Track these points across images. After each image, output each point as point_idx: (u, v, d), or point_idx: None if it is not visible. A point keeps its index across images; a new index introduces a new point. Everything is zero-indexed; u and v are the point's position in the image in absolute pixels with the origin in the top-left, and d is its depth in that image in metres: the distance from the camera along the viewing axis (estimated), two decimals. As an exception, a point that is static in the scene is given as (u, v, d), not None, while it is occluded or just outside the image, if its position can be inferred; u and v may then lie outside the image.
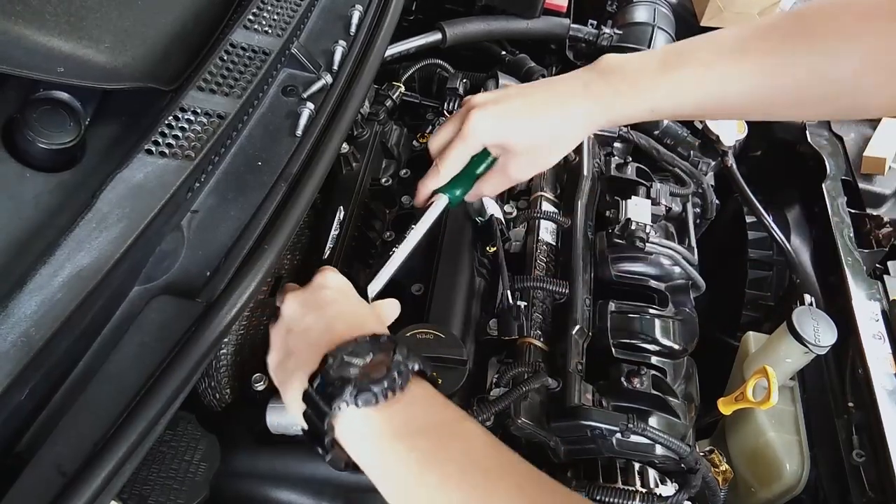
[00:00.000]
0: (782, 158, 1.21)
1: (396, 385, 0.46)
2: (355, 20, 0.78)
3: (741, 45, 0.61)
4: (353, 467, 0.48)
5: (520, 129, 0.67)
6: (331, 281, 0.59)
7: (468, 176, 0.73)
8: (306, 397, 0.47)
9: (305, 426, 0.48)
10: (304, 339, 0.53)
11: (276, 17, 0.71)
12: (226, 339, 0.68)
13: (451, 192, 0.73)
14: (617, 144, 1.04)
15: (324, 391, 0.46)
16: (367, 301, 0.64)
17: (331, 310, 0.54)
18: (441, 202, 0.72)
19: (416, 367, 0.48)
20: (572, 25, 1.14)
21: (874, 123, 1.17)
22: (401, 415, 0.46)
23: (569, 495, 0.47)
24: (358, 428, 0.46)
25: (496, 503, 0.42)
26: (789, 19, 0.62)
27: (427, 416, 0.47)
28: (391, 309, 0.64)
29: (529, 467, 0.46)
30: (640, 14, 1.16)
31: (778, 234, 1.04)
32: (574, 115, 0.66)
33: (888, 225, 1.02)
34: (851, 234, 1.00)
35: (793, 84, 0.60)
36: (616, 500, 0.65)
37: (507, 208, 0.88)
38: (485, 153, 0.71)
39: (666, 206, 0.95)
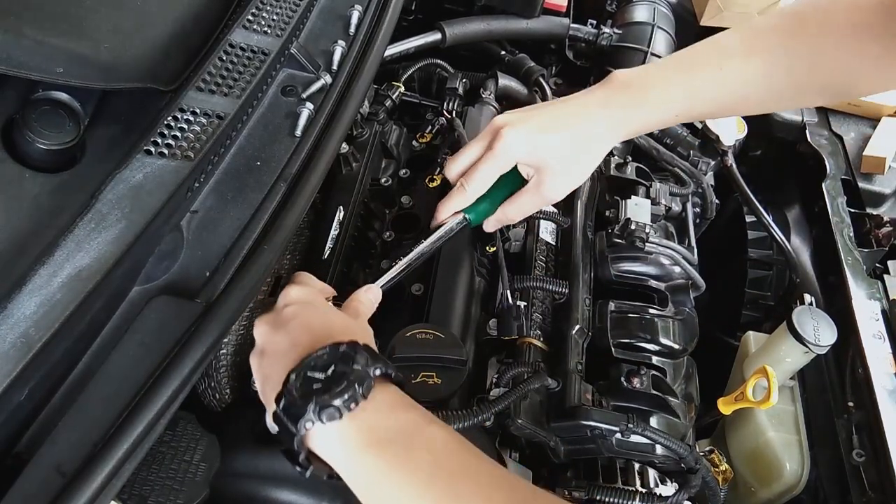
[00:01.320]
0: (782, 158, 1.21)
1: (359, 395, 0.46)
2: (354, 20, 0.78)
3: (747, 47, 0.66)
4: (337, 477, 0.48)
5: (553, 145, 0.68)
6: (293, 296, 0.58)
7: (492, 197, 0.72)
8: (275, 418, 0.48)
9: (281, 449, 0.49)
10: (274, 361, 0.52)
11: (275, 17, 0.71)
12: (226, 339, 0.68)
13: (472, 211, 0.72)
14: (617, 144, 1.04)
15: (289, 411, 0.46)
16: None
17: (294, 324, 0.54)
18: (456, 220, 0.72)
19: (378, 373, 0.48)
20: (572, 25, 1.14)
21: (874, 123, 1.17)
22: (367, 424, 0.46)
23: (534, 493, 0.47)
24: (328, 441, 0.46)
25: (460, 497, 0.44)
26: (787, 18, 0.67)
27: (392, 423, 0.47)
28: (367, 296, 0.63)
29: (495, 467, 0.47)
30: (640, 13, 1.16)
31: (778, 234, 1.04)
32: (601, 127, 0.68)
33: (888, 224, 1.02)
34: (851, 234, 1.00)
35: (795, 78, 0.66)
36: (616, 500, 0.65)
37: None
38: (513, 175, 0.70)
39: (666, 206, 0.95)
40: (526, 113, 0.70)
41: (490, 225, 0.75)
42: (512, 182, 0.72)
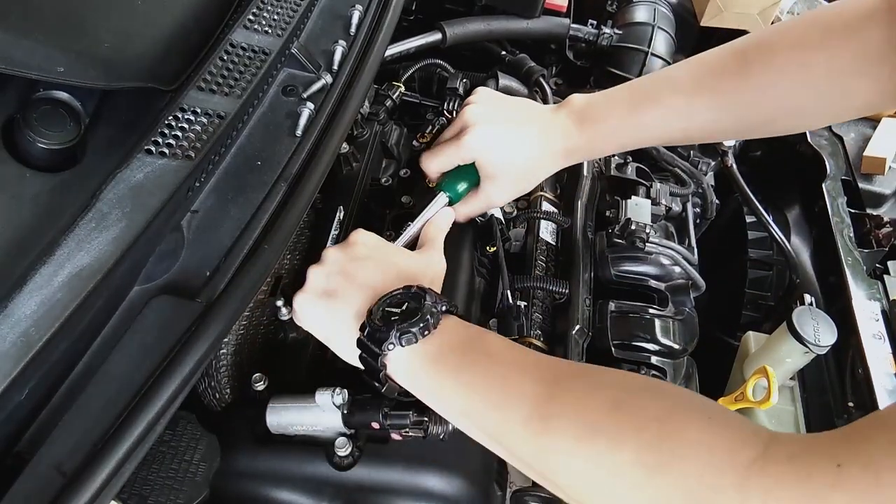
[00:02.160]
0: (782, 158, 1.21)
1: (430, 324, 0.55)
2: (355, 20, 0.78)
3: (695, 85, 0.71)
4: (404, 393, 0.57)
5: (511, 158, 0.74)
6: (365, 238, 0.66)
7: (464, 179, 0.76)
8: (359, 343, 0.57)
9: (362, 367, 0.58)
10: (348, 285, 0.61)
11: (275, 17, 0.71)
12: (226, 339, 0.68)
13: (450, 189, 0.75)
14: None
15: (373, 337, 0.55)
16: None
17: (370, 263, 0.63)
18: (441, 199, 0.75)
19: (444, 308, 0.57)
20: (572, 25, 1.14)
21: (874, 123, 1.17)
22: (435, 345, 0.55)
23: (558, 367, 0.53)
24: (402, 362, 0.56)
25: (513, 388, 0.52)
26: (732, 56, 0.70)
27: (456, 339, 0.56)
28: (443, 221, 0.74)
29: (542, 358, 0.55)
30: (640, 14, 1.16)
31: (778, 234, 1.04)
32: (554, 151, 0.75)
33: (888, 225, 1.02)
34: (851, 234, 1.00)
35: (740, 115, 0.71)
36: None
37: (506, 208, 0.88)
38: (473, 171, 0.75)
39: (666, 206, 0.95)
40: (497, 114, 0.75)
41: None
42: (473, 174, 0.76)
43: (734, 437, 0.43)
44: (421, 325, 0.55)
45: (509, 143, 0.73)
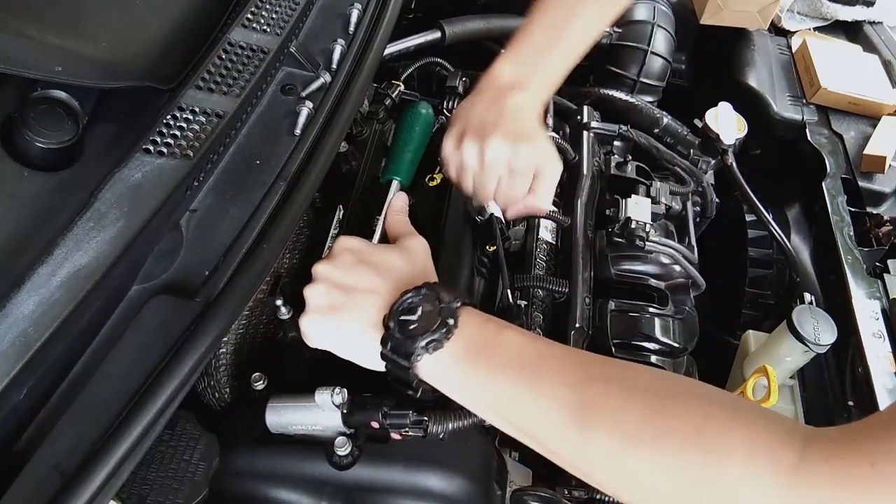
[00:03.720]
0: (782, 157, 1.21)
1: (452, 326, 0.55)
2: (354, 19, 0.78)
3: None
4: (436, 391, 0.57)
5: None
6: (349, 244, 0.64)
7: (413, 154, 0.78)
8: (384, 358, 0.56)
9: (390, 378, 0.58)
10: (351, 297, 0.59)
11: (274, 15, 0.71)
12: (225, 339, 0.68)
13: (396, 172, 0.78)
14: (617, 143, 1.04)
15: (398, 350, 0.55)
16: None
17: (363, 268, 0.61)
18: (394, 186, 0.78)
19: (459, 304, 0.56)
20: (572, 24, 1.13)
21: (874, 122, 1.17)
22: (460, 345, 0.55)
23: (592, 366, 0.53)
24: (435, 367, 0.55)
25: (547, 390, 0.51)
26: None
27: (478, 337, 0.55)
28: (399, 206, 0.75)
29: (567, 352, 0.55)
30: (640, 12, 1.16)
31: (778, 233, 1.04)
32: (521, 106, 0.72)
33: (888, 223, 1.02)
34: (851, 233, 1.00)
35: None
36: (616, 500, 0.65)
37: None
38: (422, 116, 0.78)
39: (666, 205, 0.95)
40: (507, 138, 0.71)
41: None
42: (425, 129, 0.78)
43: (773, 441, 0.43)
44: (443, 330, 0.54)
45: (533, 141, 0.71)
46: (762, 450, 0.43)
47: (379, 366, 0.57)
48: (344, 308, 0.59)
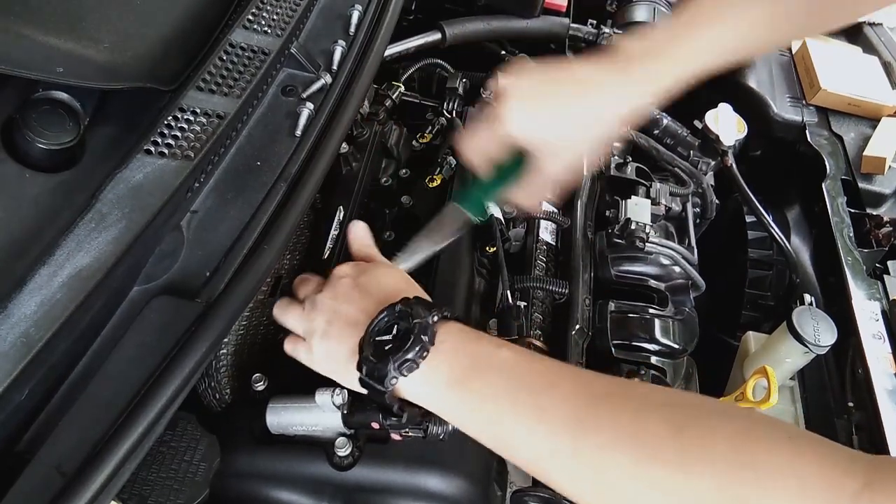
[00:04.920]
0: (782, 158, 1.21)
1: (427, 344, 0.51)
2: (355, 20, 0.78)
3: None
4: (429, 414, 0.54)
5: (555, 121, 0.63)
6: (345, 270, 0.62)
7: (495, 186, 0.67)
8: (362, 383, 0.53)
9: (374, 405, 0.55)
10: (337, 339, 0.57)
11: (275, 17, 0.71)
12: (226, 340, 0.68)
13: (470, 204, 0.67)
14: (616, 144, 1.04)
15: (372, 374, 0.51)
16: None
17: (350, 296, 0.59)
18: (459, 215, 0.67)
19: (437, 318, 0.52)
20: (572, 25, 1.14)
21: (874, 123, 1.17)
22: (445, 366, 0.51)
23: (598, 385, 0.48)
24: (414, 388, 0.52)
25: (549, 415, 0.46)
26: None
27: (464, 359, 0.51)
28: (363, 238, 0.68)
29: (559, 368, 0.50)
30: (640, 13, 1.16)
31: (778, 234, 1.04)
32: (609, 99, 0.64)
33: (888, 224, 1.02)
34: (851, 234, 1.00)
35: (795, 10, 0.64)
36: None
37: (506, 208, 0.88)
38: (515, 160, 0.65)
39: (666, 206, 0.95)
40: (533, 84, 0.64)
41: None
42: (516, 168, 0.66)
43: (829, 465, 0.38)
44: (417, 348, 0.50)
45: (556, 109, 0.63)
46: (816, 472, 0.38)
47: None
48: (329, 336, 0.57)
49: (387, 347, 0.51)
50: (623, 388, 0.48)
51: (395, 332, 0.52)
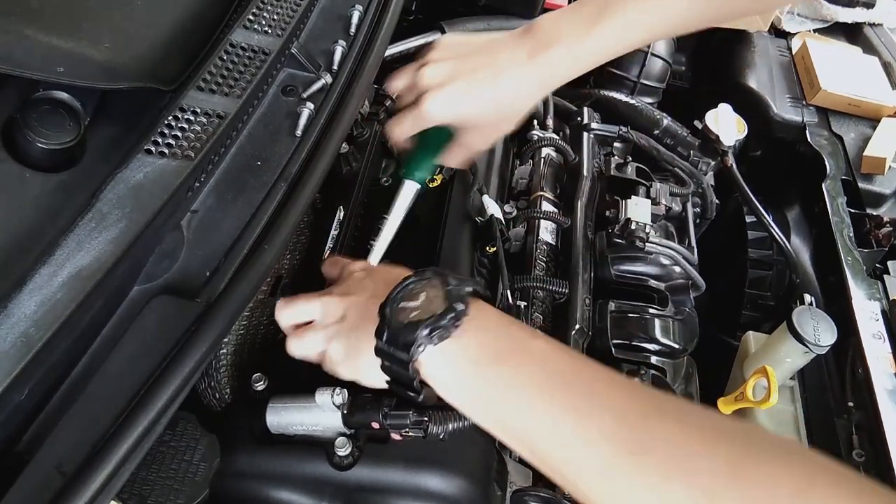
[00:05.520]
0: (782, 158, 1.21)
1: (461, 312, 0.47)
2: (355, 20, 0.78)
3: None
4: (442, 402, 0.50)
5: (473, 107, 0.67)
6: (354, 265, 0.62)
7: (428, 156, 0.73)
8: (380, 352, 0.48)
9: (388, 379, 0.50)
10: (357, 315, 0.55)
11: (275, 17, 0.71)
12: (226, 339, 0.68)
13: (415, 175, 0.72)
14: (617, 144, 1.04)
15: (396, 340, 0.47)
16: None
17: (367, 283, 0.57)
18: (410, 188, 0.72)
19: (469, 289, 0.49)
20: (572, 25, 1.14)
21: (874, 123, 1.17)
22: (475, 342, 0.47)
23: (648, 399, 0.43)
24: (440, 364, 0.47)
25: (585, 422, 0.42)
26: None
27: (499, 338, 0.47)
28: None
29: (605, 375, 0.45)
30: (640, 14, 1.16)
31: (778, 234, 1.04)
32: (523, 84, 0.66)
33: (888, 224, 1.03)
34: (851, 234, 1.00)
35: None
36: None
37: (507, 208, 0.88)
38: (443, 130, 0.71)
39: (666, 206, 0.95)
40: (448, 73, 0.67)
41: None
42: (445, 137, 0.72)
43: None
44: (451, 315, 0.46)
45: (472, 97, 0.66)
46: None
47: (380, 379, 0.53)
48: (346, 327, 0.56)
49: (412, 315, 0.47)
50: (675, 406, 0.43)
51: (422, 298, 0.48)
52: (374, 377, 0.53)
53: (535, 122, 1.01)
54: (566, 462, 0.42)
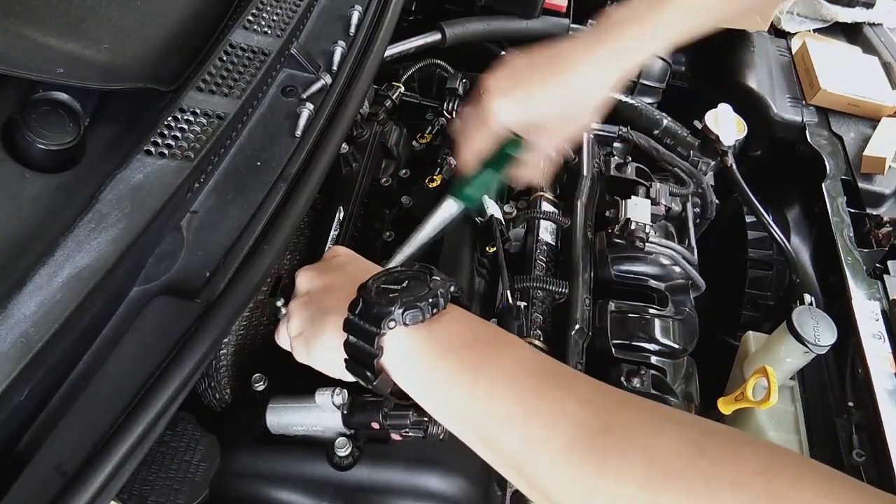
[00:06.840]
0: (782, 158, 1.21)
1: (440, 302, 0.46)
2: (355, 20, 0.78)
3: None
4: (399, 394, 0.48)
5: (541, 104, 0.64)
6: (340, 250, 0.61)
7: (487, 176, 0.68)
8: (348, 325, 0.47)
9: (346, 356, 0.48)
10: (330, 294, 0.53)
11: (275, 17, 0.71)
12: (226, 340, 0.68)
13: (461, 194, 0.69)
14: (617, 144, 1.04)
15: (368, 314, 0.46)
16: None
17: (349, 268, 0.56)
18: (450, 206, 0.70)
19: (453, 289, 0.49)
20: (572, 25, 1.14)
21: (874, 123, 1.17)
22: (444, 333, 0.46)
23: (613, 391, 0.44)
24: (404, 349, 0.47)
25: (547, 403, 0.42)
26: None
27: (471, 332, 0.47)
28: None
29: (575, 372, 0.46)
30: (640, 14, 1.16)
31: (778, 234, 1.04)
32: (591, 73, 0.63)
33: (888, 224, 1.03)
34: (851, 234, 1.00)
35: None
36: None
37: (507, 208, 0.88)
38: (509, 150, 0.67)
39: (666, 206, 0.96)
40: (513, 76, 0.65)
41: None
42: (506, 155, 0.68)
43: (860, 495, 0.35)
44: (429, 300, 0.46)
45: (539, 94, 0.63)
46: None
47: (330, 361, 0.50)
48: (313, 312, 0.53)
49: (391, 294, 0.46)
50: (641, 399, 0.43)
51: (405, 284, 0.48)
52: (326, 357, 0.51)
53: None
54: (524, 445, 0.42)
